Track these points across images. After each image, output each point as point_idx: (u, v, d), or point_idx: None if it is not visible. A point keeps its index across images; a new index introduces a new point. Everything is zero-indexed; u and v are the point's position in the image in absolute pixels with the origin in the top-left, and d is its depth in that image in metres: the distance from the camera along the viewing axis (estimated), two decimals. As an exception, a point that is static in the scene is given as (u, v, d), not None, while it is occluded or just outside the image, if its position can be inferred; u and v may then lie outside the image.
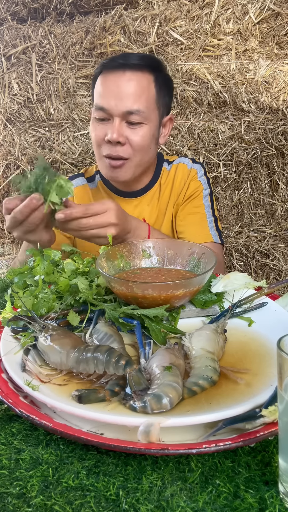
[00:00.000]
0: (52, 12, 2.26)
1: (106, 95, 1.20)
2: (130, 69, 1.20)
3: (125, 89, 1.18)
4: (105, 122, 1.22)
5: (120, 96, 1.18)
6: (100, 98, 1.22)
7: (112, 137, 1.18)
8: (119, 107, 1.18)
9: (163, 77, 1.27)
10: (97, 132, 1.24)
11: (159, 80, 1.25)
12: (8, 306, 0.84)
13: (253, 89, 2.09)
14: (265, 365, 0.69)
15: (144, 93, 1.20)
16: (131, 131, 1.21)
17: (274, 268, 2.34)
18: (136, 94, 1.19)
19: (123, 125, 1.21)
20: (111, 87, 1.19)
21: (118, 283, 0.81)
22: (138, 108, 1.19)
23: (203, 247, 0.94)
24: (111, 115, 1.20)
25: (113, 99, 1.19)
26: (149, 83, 1.22)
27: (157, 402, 0.58)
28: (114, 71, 1.20)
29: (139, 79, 1.20)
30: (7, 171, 2.46)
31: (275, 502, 0.48)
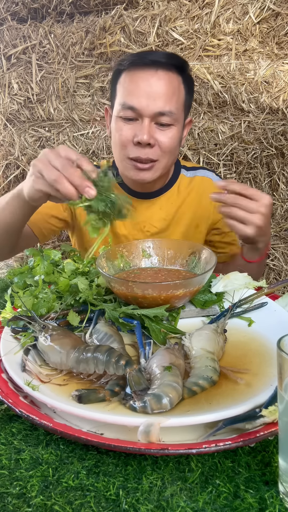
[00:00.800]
0: (52, 12, 2.26)
1: (137, 94, 1.13)
2: (162, 68, 1.14)
3: (157, 89, 1.13)
4: (132, 122, 1.16)
5: (153, 95, 1.12)
6: (129, 96, 1.14)
7: (142, 138, 1.12)
8: (151, 107, 1.12)
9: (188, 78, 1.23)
10: (124, 133, 1.16)
11: (186, 82, 1.21)
12: (8, 306, 0.84)
13: (253, 89, 2.09)
14: (265, 365, 0.69)
15: (175, 94, 1.16)
16: (161, 133, 1.16)
17: (274, 268, 2.34)
18: (168, 94, 1.14)
19: (152, 126, 1.15)
20: (142, 85, 1.13)
21: (118, 283, 0.81)
22: (170, 110, 1.14)
23: (203, 247, 0.94)
24: (141, 115, 1.14)
25: (145, 99, 1.12)
26: (179, 83, 1.18)
27: (157, 402, 0.58)
28: (145, 68, 1.14)
29: (170, 79, 1.15)
30: (7, 171, 2.45)
31: (275, 502, 0.48)
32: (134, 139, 1.14)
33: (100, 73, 2.25)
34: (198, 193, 1.37)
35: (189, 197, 1.37)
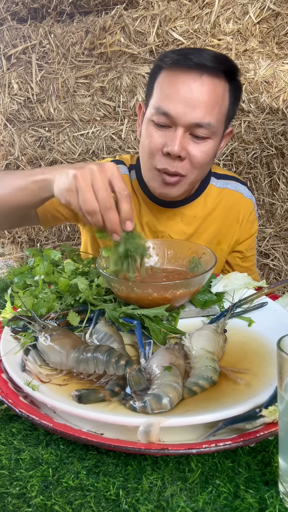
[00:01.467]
0: (52, 12, 2.26)
1: (175, 99, 1.00)
2: (208, 72, 0.99)
3: (199, 96, 0.99)
4: (164, 129, 1.03)
5: (192, 103, 0.99)
6: (165, 100, 1.01)
7: (173, 150, 1.00)
8: (188, 116, 0.99)
9: (237, 86, 1.08)
10: (154, 140, 1.04)
11: (233, 90, 1.06)
12: (8, 306, 0.84)
13: (253, 89, 2.09)
14: (265, 365, 0.69)
15: (218, 104, 1.02)
16: (194, 146, 1.03)
17: (274, 268, 2.34)
18: (210, 104, 1.00)
19: (186, 137, 1.02)
20: (182, 90, 0.99)
21: (118, 283, 0.81)
22: (209, 122, 1.00)
23: (203, 247, 0.94)
24: (175, 123, 1.01)
25: (183, 106, 0.99)
26: (224, 92, 1.03)
27: (157, 402, 0.58)
28: (188, 71, 1.00)
29: (215, 86, 1.01)
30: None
31: (275, 502, 0.48)
32: (164, 149, 1.03)
33: (100, 73, 2.25)
34: (225, 208, 1.25)
35: (215, 211, 1.24)
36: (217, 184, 1.25)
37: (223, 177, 1.27)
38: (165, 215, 1.21)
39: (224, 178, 1.27)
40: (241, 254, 1.31)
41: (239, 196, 1.26)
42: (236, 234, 1.27)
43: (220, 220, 1.24)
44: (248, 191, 1.28)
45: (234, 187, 1.26)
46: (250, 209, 1.27)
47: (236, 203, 1.25)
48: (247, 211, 1.27)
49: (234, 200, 1.25)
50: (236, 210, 1.25)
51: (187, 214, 1.22)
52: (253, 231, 1.30)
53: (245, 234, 1.28)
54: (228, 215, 1.25)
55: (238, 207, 1.25)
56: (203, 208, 1.23)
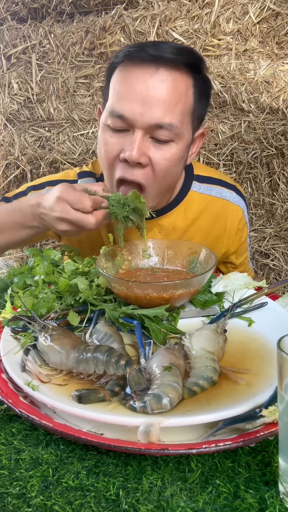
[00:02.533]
0: (52, 12, 2.26)
1: (129, 98, 0.87)
2: (167, 65, 0.87)
3: (157, 93, 0.86)
4: (122, 133, 0.91)
5: (149, 102, 0.86)
6: (119, 101, 0.89)
7: (131, 155, 0.87)
8: (146, 117, 0.87)
9: (203, 79, 0.96)
10: (110, 147, 0.92)
11: (199, 84, 0.94)
12: (8, 306, 0.84)
13: (253, 89, 2.09)
14: (265, 365, 0.69)
15: (180, 101, 0.89)
16: (156, 151, 0.90)
17: (274, 268, 2.33)
18: (170, 102, 0.88)
19: (146, 140, 0.89)
20: (137, 87, 0.87)
21: (118, 283, 0.81)
22: (170, 122, 0.88)
23: (203, 247, 0.94)
24: (132, 126, 0.89)
25: (139, 105, 0.87)
26: (187, 88, 0.91)
27: (157, 402, 0.58)
28: (143, 64, 0.87)
29: (176, 81, 0.88)
30: (7, 171, 2.45)
31: (275, 502, 0.48)
32: (121, 155, 0.91)
33: (100, 73, 2.25)
34: (209, 218, 1.12)
35: (198, 221, 1.12)
36: (199, 189, 1.12)
37: (207, 180, 1.14)
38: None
39: (208, 182, 1.14)
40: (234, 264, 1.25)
41: (224, 203, 1.13)
42: (224, 247, 1.17)
43: (204, 232, 1.13)
44: (236, 195, 1.16)
45: (219, 194, 1.13)
46: (238, 216, 1.16)
47: (222, 212, 1.13)
48: (235, 220, 1.15)
49: (219, 208, 1.13)
50: (223, 220, 1.14)
51: (165, 225, 1.10)
52: (243, 238, 1.22)
53: (234, 244, 1.19)
54: (214, 225, 1.13)
55: (224, 217, 1.14)
56: (184, 218, 1.11)
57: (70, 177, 1.19)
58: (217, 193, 1.14)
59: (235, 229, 1.17)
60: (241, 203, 1.18)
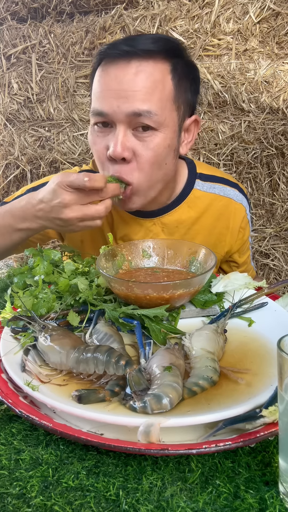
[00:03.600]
0: (52, 12, 2.26)
1: (106, 95, 0.89)
2: (138, 57, 0.88)
3: (130, 85, 0.87)
4: (106, 132, 0.92)
5: (124, 94, 0.87)
6: (98, 100, 0.91)
7: (115, 151, 0.88)
8: (123, 108, 0.88)
9: (184, 65, 0.94)
10: (97, 146, 0.94)
11: (178, 69, 0.92)
12: (8, 306, 0.84)
13: (253, 89, 2.09)
14: (265, 365, 0.69)
15: (158, 88, 0.89)
16: (140, 143, 0.90)
17: (274, 268, 2.34)
18: (146, 90, 0.88)
19: (128, 134, 0.90)
20: (112, 83, 0.89)
21: (118, 283, 0.80)
22: (148, 109, 0.88)
23: (203, 247, 0.94)
24: (113, 122, 0.90)
25: (115, 99, 0.88)
26: (164, 75, 0.90)
27: (157, 402, 0.58)
28: (116, 61, 0.88)
29: (150, 70, 0.88)
30: (7, 171, 2.46)
31: (275, 502, 0.48)
32: (107, 153, 0.91)
33: (100, 73, 2.25)
34: (213, 216, 1.12)
35: (201, 219, 1.12)
36: (202, 187, 1.12)
37: (210, 178, 1.14)
38: (143, 226, 1.10)
39: (211, 180, 1.14)
40: (236, 263, 1.25)
41: (228, 201, 1.13)
42: (227, 245, 1.17)
43: (208, 230, 1.13)
44: (239, 193, 1.16)
45: (222, 192, 1.13)
46: (241, 214, 1.16)
47: (225, 210, 1.13)
48: (239, 218, 1.16)
49: (222, 207, 1.13)
50: (225, 218, 1.14)
51: (168, 223, 1.10)
52: (246, 237, 1.22)
53: (237, 243, 1.19)
54: (217, 224, 1.13)
55: (227, 215, 1.14)
56: (187, 216, 1.11)
57: None
58: (220, 191, 1.14)
59: (237, 227, 1.17)
60: (244, 201, 1.18)
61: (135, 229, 1.10)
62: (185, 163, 1.14)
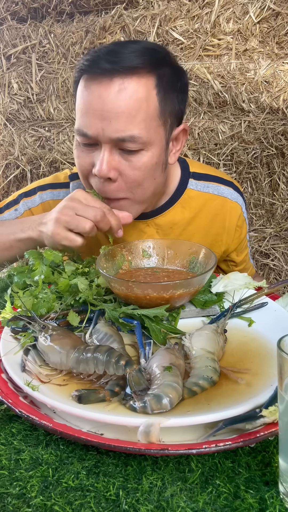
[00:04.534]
0: (52, 12, 2.26)
1: (89, 115, 0.87)
2: (120, 74, 0.84)
3: (114, 106, 0.84)
4: (91, 147, 0.91)
5: (108, 116, 0.85)
6: (81, 119, 0.89)
7: (100, 171, 0.88)
8: (107, 132, 0.86)
9: (170, 74, 0.91)
10: (82, 161, 0.93)
11: (163, 81, 0.89)
12: (8, 306, 0.84)
13: (253, 89, 2.09)
14: (265, 365, 0.69)
15: (142, 109, 0.86)
16: (126, 164, 0.90)
17: (274, 268, 2.34)
18: (130, 112, 0.85)
19: (114, 153, 0.89)
20: (94, 102, 0.86)
21: (118, 283, 0.80)
22: (131, 134, 0.86)
23: (203, 247, 0.94)
24: (99, 141, 0.89)
25: (98, 120, 0.86)
26: (148, 91, 0.87)
27: (157, 402, 0.58)
28: (98, 78, 0.85)
29: (134, 87, 0.85)
30: (7, 171, 2.46)
31: (275, 502, 0.48)
32: (93, 170, 0.91)
33: (100, 73, 2.25)
34: (208, 216, 1.11)
35: (196, 219, 1.11)
36: (196, 187, 1.10)
37: (203, 177, 1.12)
38: (137, 228, 1.09)
39: (204, 179, 1.12)
40: (234, 262, 1.24)
41: (222, 200, 1.12)
42: (223, 244, 1.16)
43: (204, 230, 1.12)
44: (234, 191, 1.14)
45: (216, 191, 1.12)
46: (237, 213, 1.14)
47: (220, 209, 1.12)
48: (235, 217, 1.14)
49: (217, 206, 1.11)
50: (221, 218, 1.13)
51: (162, 224, 1.09)
52: (243, 235, 1.21)
53: (234, 242, 1.18)
54: (212, 224, 1.12)
55: (223, 214, 1.13)
56: (181, 216, 1.09)
57: (61, 180, 1.18)
58: (215, 190, 1.12)
59: (234, 226, 1.16)
60: (239, 199, 1.16)
61: (128, 231, 1.07)
62: (177, 162, 1.12)
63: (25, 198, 1.18)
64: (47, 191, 1.17)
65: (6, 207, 1.20)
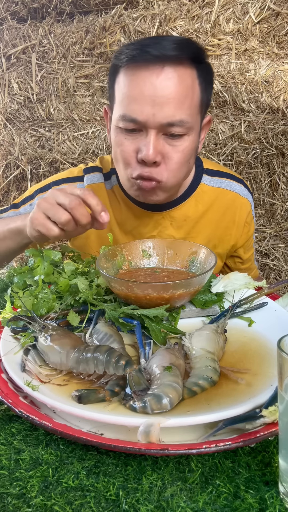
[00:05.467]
0: (52, 12, 2.26)
1: (139, 101, 0.89)
2: (171, 62, 0.88)
3: (165, 92, 0.88)
4: (135, 133, 0.94)
5: (159, 101, 0.88)
6: (129, 105, 0.91)
7: (148, 156, 0.91)
8: (158, 117, 0.89)
9: (205, 66, 0.96)
10: (126, 148, 0.95)
11: (202, 74, 0.95)
12: (8, 306, 0.84)
13: (253, 88, 2.09)
14: (265, 365, 0.69)
15: (189, 96, 0.92)
16: (170, 147, 0.94)
17: (274, 268, 2.33)
18: (179, 98, 0.90)
19: (160, 138, 0.93)
20: (145, 89, 0.89)
21: (118, 283, 0.80)
22: (181, 118, 0.91)
23: (203, 247, 0.94)
24: (145, 127, 0.92)
25: (150, 106, 0.89)
26: (193, 80, 0.92)
27: (157, 402, 0.58)
28: (148, 65, 0.88)
29: (181, 76, 0.90)
30: (7, 171, 2.45)
31: (275, 502, 0.48)
32: (138, 155, 0.94)
33: (100, 72, 2.25)
34: (219, 210, 1.15)
35: (208, 213, 1.15)
36: (209, 182, 1.15)
37: (216, 174, 1.17)
38: (152, 219, 1.13)
39: (217, 175, 1.17)
40: (241, 259, 1.27)
41: (234, 196, 1.17)
42: (232, 239, 1.20)
43: (215, 223, 1.16)
44: (245, 188, 1.19)
45: (228, 186, 1.17)
46: (247, 209, 1.19)
47: (231, 204, 1.16)
48: (244, 212, 1.19)
49: (229, 201, 1.16)
50: (232, 212, 1.18)
51: (176, 217, 1.13)
52: (251, 232, 1.24)
53: (243, 237, 1.22)
54: (223, 217, 1.16)
55: (233, 209, 1.17)
56: (195, 210, 1.14)
57: (75, 174, 1.21)
58: (227, 185, 1.17)
59: (243, 222, 1.20)
60: (249, 197, 1.21)
61: (144, 221, 1.12)
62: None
63: (40, 193, 1.20)
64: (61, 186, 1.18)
65: (22, 202, 1.23)
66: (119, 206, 1.16)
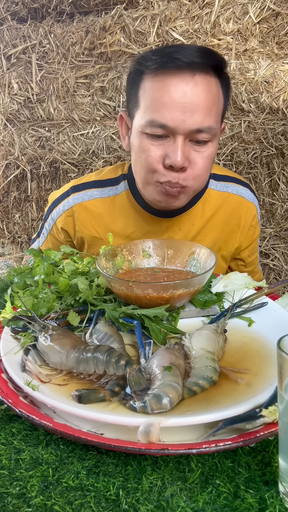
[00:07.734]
0: (52, 12, 2.26)
1: (170, 107, 0.90)
2: (200, 70, 0.91)
3: (195, 99, 0.90)
4: (161, 140, 0.95)
5: (190, 108, 0.90)
6: (159, 110, 0.91)
7: (176, 162, 0.92)
8: (188, 123, 0.91)
9: (226, 79, 1.00)
10: (153, 154, 0.95)
11: (226, 81, 0.99)
12: (8, 306, 0.84)
13: (253, 89, 2.09)
14: (265, 365, 0.69)
15: (215, 104, 0.95)
16: (196, 153, 0.96)
17: (274, 268, 2.33)
18: (207, 105, 0.92)
19: (187, 145, 0.94)
20: (176, 95, 0.90)
21: (118, 283, 0.81)
22: (209, 125, 0.93)
23: (203, 247, 0.94)
24: (174, 133, 0.93)
25: (180, 112, 0.90)
26: (218, 89, 0.96)
27: (157, 402, 0.58)
28: (179, 72, 0.90)
29: (210, 85, 0.93)
30: (7, 171, 2.45)
31: (275, 502, 0.48)
32: (165, 161, 0.95)
33: (100, 73, 2.25)
34: (225, 213, 1.17)
35: (215, 217, 1.17)
36: (216, 187, 1.18)
37: (223, 178, 1.19)
38: (163, 226, 1.15)
39: (224, 180, 1.19)
40: (243, 262, 1.27)
41: (240, 200, 1.18)
42: (237, 241, 1.21)
43: (220, 226, 1.18)
44: (251, 193, 1.21)
45: (235, 191, 1.18)
46: (252, 213, 1.21)
47: (237, 208, 1.18)
48: (250, 216, 1.20)
49: (235, 205, 1.18)
50: (237, 216, 1.19)
51: (185, 222, 1.15)
52: (255, 236, 1.25)
53: (247, 240, 1.23)
54: (229, 221, 1.18)
55: (239, 213, 1.19)
56: (202, 215, 1.16)
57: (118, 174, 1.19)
58: (233, 189, 1.19)
59: (248, 225, 1.21)
60: (255, 201, 1.23)
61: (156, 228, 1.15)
62: None
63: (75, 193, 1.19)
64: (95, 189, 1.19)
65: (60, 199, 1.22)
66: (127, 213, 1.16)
